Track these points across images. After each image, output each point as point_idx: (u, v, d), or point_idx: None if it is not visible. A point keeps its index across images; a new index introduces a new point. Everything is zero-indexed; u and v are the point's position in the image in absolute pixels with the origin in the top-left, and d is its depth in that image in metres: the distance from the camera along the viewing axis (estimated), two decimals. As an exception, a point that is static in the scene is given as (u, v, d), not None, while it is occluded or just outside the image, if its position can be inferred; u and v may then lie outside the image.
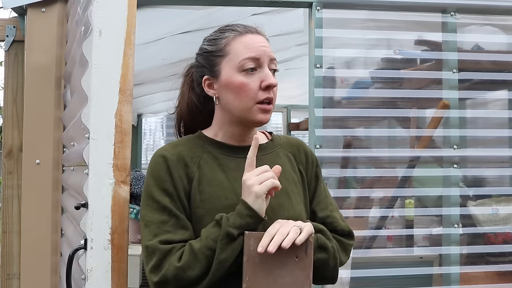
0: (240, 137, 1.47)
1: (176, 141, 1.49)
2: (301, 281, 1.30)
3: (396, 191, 2.48)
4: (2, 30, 2.54)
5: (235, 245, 1.29)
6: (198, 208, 1.38)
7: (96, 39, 1.44)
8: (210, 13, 2.70)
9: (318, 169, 1.57)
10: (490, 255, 2.41)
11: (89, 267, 1.41)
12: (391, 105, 2.41)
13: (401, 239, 2.57)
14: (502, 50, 2.51)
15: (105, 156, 1.43)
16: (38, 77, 2.36)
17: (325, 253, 1.40)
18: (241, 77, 1.40)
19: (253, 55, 1.40)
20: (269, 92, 1.41)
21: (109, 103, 1.44)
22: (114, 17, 1.45)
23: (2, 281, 2.46)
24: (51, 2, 2.37)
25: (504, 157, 2.51)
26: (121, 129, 1.44)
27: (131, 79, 1.46)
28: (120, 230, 1.43)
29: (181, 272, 1.29)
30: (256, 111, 1.41)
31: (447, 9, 2.37)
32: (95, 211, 1.42)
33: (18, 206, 2.45)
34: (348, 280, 2.26)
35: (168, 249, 1.31)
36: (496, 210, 2.45)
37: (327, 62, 2.31)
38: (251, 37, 1.43)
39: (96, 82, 1.44)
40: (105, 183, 1.42)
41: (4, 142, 2.53)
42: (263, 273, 1.28)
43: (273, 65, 1.45)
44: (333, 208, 1.53)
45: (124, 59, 1.45)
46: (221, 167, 1.43)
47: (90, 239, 1.41)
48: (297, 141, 1.59)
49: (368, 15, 2.36)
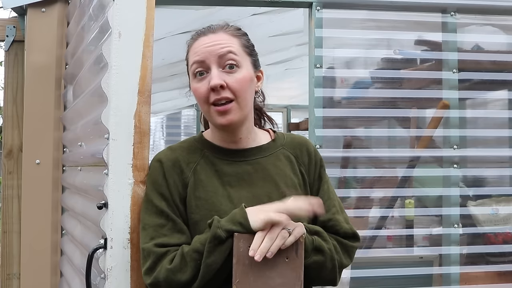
0: (229, 140, 1.46)
1: (176, 145, 1.49)
2: (292, 282, 1.29)
3: (396, 191, 2.48)
4: (2, 30, 2.54)
5: (223, 248, 1.28)
6: (193, 214, 1.38)
7: (116, 41, 1.46)
8: (210, 13, 2.69)
9: (322, 170, 1.53)
10: (490, 255, 2.40)
11: (109, 266, 1.42)
12: (391, 105, 2.41)
13: (401, 239, 2.57)
14: (502, 50, 2.51)
15: (125, 157, 1.44)
16: (38, 77, 2.36)
17: (321, 255, 1.37)
18: (194, 83, 1.41)
19: (197, 58, 1.39)
20: (218, 93, 1.36)
21: (128, 104, 1.45)
22: (133, 19, 1.47)
23: (2, 281, 2.46)
24: (51, 2, 2.37)
25: (504, 157, 2.51)
26: (140, 130, 1.46)
27: (150, 80, 1.47)
28: (139, 229, 1.43)
29: (171, 274, 1.30)
30: (214, 113, 1.39)
31: (447, 9, 2.37)
32: (115, 211, 1.43)
33: (18, 206, 2.45)
34: (348, 280, 2.26)
35: (163, 252, 1.33)
36: (496, 210, 2.45)
37: (327, 62, 2.31)
38: (201, 40, 1.42)
39: (115, 84, 1.45)
40: (125, 183, 1.44)
41: (4, 142, 2.53)
42: (253, 274, 1.27)
43: (228, 61, 1.38)
44: (336, 211, 1.48)
45: (143, 60, 1.47)
46: (217, 173, 1.42)
47: (110, 239, 1.43)
48: (301, 140, 1.54)
49: (368, 15, 2.36)
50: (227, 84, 1.36)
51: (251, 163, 1.45)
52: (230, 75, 1.38)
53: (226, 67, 1.38)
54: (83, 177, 1.91)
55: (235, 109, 1.38)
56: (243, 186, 1.42)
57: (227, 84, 1.36)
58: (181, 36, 3.05)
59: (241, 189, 1.41)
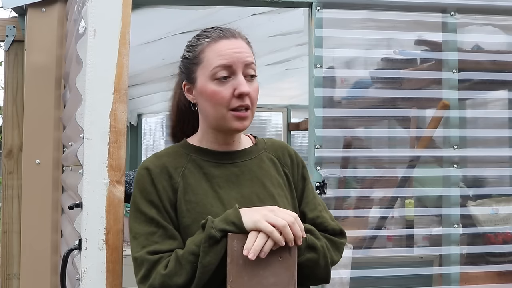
0: (224, 142, 1.47)
1: (161, 152, 1.49)
2: (286, 281, 1.29)
3: (396, 191, 2.48)
4: (2, 30, 2.54)
5: (218, 248, 1.28)
6: (184, 218, 1.38)
7: (91, 38, 1.44)
8: (210, 13, 2.70)
9: (304, 170, 1.55)
10: (490, 255, 2.41)
11: (83, 267, 1.40)
12: (391, 105, 2.41)
13: (401, 239, 2.58)
14: (502, 50, 2.51)
15: (99, 156, 1.42)
16: (38, 77, 2.36)
17: (314, 253, 1.38)
18: (214, 86, 1.39)
19: (224, 62, 1.38)
20: (243, 100, 1.38)
21: (103, 103, 1.43)
22: (109, 16, 1.45)
23: (2, 281, 2.46)
24: (51, 2, 2.37)
25: (504, 157, 2.51)
26: (115, 129, 1.43)
27: (126, 78, 1.45)
28: (114, 230, 1.42)
29: (167, 279, 1.29)
30: (231, 118, 1.39)
31: (447, 9, 2.37)
32: (90, 211, 1.41)
33: (18, 206, 2.45)
34: (348, 280, 2.26)
35: (156, 259, 1.32)
36: (496, 210, 2.45)
37: (327, 62, 2.31)
38: (225, 43, 1.40)
39: (90, 82, 1.43)
40: (100, 183, 1.42)
41: (4, 142, 2.53)
42: (247, 274, 1.27)
43: (250, 71, 1.40)
44: (322, 209, 1.51)
45: (119, 58, 1.45)
46: (206, 176, 1.43)
47: (85, 239, 1.41)
48: (281, 144, 1.57)
49: (368, 15, 2.36)
50: (249, 92, 1.39)
51: (237, 165, 1.46)
52: (250, 84, 1.40)
53: (249, 76, 1.40)
54: (71, 177, 1.90)
55: (249, 117, 1.41)
56: (231, 188, 1.43)
57: (249, 92, 1.39)
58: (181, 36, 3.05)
59: (230, 190, 1.42)
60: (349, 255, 2.26)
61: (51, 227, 2.33)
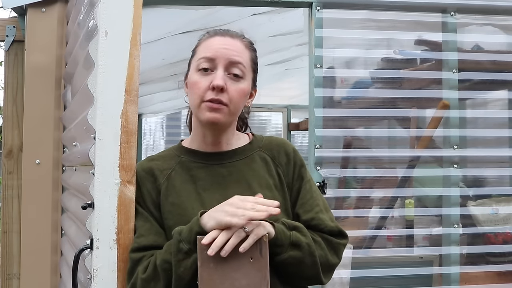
0: (212, 142, 1.47)
1: (155, 155, 1.53)
2: (258, 282, 1.28)
3: (396, 191, 2.48)
4: (2, 30, 2.54)
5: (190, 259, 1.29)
6: (166, 220, 1.41)
7: (102, 39, 1.45)
8: (210, 13, 2.70)
9: (302, 169, 1.51)
10: (490, 255, 2.40)
11: (95, 267, 1.42)
12: (391, 105, 2.41)
13: (401, 239, 2.57)
14: (502, 50, 2.51)
15: (111, 156, 1.44)
16: (38, 77, 2.36)
17: (298, 250, 1.35)
18: (196, 76, 1.42)
19: (208, 55, 1.41)
20: (216, 94, 1.38)
21: (115, 104, 1.45)
22: (120, 17, 1.46)
23: (2, 281, 2.46)
24: (51, 2, 2.37)
25: (504, 157, 2.51)
26: (127, 129, 1.45)
27: (137, 79, 1.47)
28: (125, 230, 1.43)
29: (146, 284, 1.33)
30: (204, 109, 1.40)
31: (447, 9, 2.37)
32: (101, 211, 1.43)
33: (18, 206, 2.45)
34: (348, 280, 2.26)
35: (138, 258, 1.37)
36: (496, 210, 2.45)
37: (327, 62, 2.31)
38: (218, 39, 1.44)
39: (102, 83, 1.45)
40: (111, 183, 1.43)
41: (4, 142, 2.53)
42: (218, 277, 1.27)
43: (235, 70, 1.41)
44: (320, 210, 1.46)
45: (130, 59, 1.46)
46: (192, 178, 1.45)
47: (96, 239, 1.42)
48: (279, 142, 1.54)
49: (368, 15, 2.36)
50: (228, 89, 1.39)
51: (226, 166, 1.47)
52: (233, 82, 1.41)
53: (232, 74, 1.41)
54: (77, 177, 1.90)
55: (225, 112, 1.40)
56: (216, 190, 1.43)
57: (228, 89, 1.39)
58: (181, 36, 3.05)
59: (214, 193, 1.42)
60: (349, 255, 2.26)
61: (51, 227, 2.33)
